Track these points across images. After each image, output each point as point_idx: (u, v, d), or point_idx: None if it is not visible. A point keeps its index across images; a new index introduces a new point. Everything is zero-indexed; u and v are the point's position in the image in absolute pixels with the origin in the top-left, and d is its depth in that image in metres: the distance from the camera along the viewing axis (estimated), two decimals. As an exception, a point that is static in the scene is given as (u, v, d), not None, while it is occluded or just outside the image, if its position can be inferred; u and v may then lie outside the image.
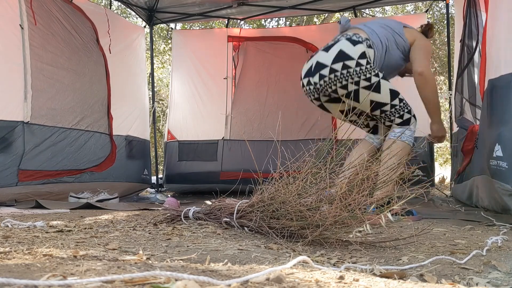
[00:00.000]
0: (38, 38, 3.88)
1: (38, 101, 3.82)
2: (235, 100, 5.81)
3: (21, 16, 3.74)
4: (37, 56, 3.84)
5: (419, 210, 2.76)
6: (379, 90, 2.69)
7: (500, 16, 2.52)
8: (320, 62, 2.74)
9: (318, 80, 2.74)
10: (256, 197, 1.83)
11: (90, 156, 4.37)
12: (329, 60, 2.70)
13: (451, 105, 4.54)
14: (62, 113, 4.09)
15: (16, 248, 1.31)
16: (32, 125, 3.77)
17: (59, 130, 4.04)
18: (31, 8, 3.83)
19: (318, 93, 2.83)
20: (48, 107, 3.94)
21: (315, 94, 2.84)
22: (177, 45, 6.01)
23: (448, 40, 5.60)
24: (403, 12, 9.51)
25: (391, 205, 1.64)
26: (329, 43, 2.84)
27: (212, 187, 4.03)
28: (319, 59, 2.76)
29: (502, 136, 2.34)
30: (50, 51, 4.00)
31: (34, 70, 3.80)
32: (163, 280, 0.84)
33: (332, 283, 0.96)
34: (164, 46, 10.65)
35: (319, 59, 2.76)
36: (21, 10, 3.74)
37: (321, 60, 2.74)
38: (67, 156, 4.12)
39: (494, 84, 2.49)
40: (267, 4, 5.60)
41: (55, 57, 4.06)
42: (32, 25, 3.82)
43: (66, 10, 4.28)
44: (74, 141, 4.20)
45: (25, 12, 3.77)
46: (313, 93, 2.85)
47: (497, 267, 1.29)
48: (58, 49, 4.11)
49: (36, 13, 3.88)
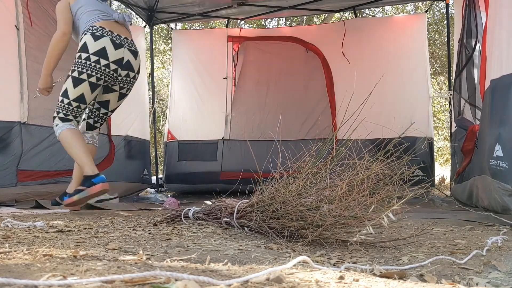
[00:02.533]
0: (34, 39, 3.86)
1: (34, 102, 3.81)
2: (235, 100, 5.82)
3: (17, 17, 3.72)
4: (32, 57, 3.82)
5: (419, 210, 2.76)
6: (76, 86, 2.95)
7: (501, 16, 2.52)
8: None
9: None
10: (256, 197, 1.83)
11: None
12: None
13: (451, 105, 4.55)
14: (59, 113, 4.09)
15: (16, 248, 1.31)
16: (29, 126, 3.77)
17: None
18: (27, 9, 3.81)
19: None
20: (44, 108, 3.93)
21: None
22: (177, 45, 6.02)
23: (448, 40, 5.61)
24: (403, 12, 9.51)
25: (391, 205, 1.64)
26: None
27: (212, 187, 4.03)
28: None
29: (502, 136, 2.34)
30: (46, 52, 3.98)
31: (30, 71, 3.78)
32: (163, 280, 0.84)
33: (332, 283, 0.95)
34: (164, 46, 10.66)
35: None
36: (17, 11, 3.72)
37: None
38: (66, 156, 4.11)
39: (495, 84, 2.49)
40: (267, 4, 5.61)
41: None
42: (28, 26, 3.81)
43: None
44: (72, 142, 4.19)
45: (21, 13, 3.75)
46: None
47: (497, 267, 1.29)
48: None
49: (33, 14, 3.86)
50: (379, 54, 5.28)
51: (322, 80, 5.55)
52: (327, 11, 6.76)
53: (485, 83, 2.77)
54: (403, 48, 5.32)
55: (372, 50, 5.33)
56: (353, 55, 5.32)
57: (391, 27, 5.49)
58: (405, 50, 5.31)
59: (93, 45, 2.88)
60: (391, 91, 5.03)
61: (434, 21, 9.25)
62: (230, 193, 2.27)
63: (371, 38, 5.40)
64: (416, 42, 5.33)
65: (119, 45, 2.96)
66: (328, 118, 5.42)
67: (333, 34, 5.58)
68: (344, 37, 5.40)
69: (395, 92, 5.12)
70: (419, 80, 5.20)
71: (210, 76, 5.78)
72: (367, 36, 5.44)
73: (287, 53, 5.73)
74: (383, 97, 4.69)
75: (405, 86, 5.22)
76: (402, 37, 5.37)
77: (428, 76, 5.30)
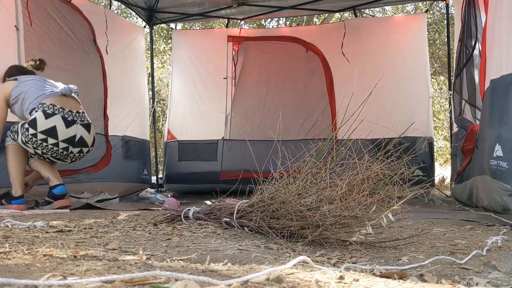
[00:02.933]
0: (33, 39, 3.86)
1: None
2: (235, 100, 5.82)
3: (17, 17, 3.72)
4: (32, 56, 3.82)
5: (419, 210, 2.76)
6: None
7: (500, 16, 2.52)
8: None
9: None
10: (256, 197, 1.83)
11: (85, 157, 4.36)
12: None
13: (451, 105, 4.55)
14: (58, 113, 4.08)
15: (16, 248, 1.31)
16: None
17: None
18: (27, 9, 3.81)
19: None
20: None
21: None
22: (177, 45, 6.02)
23: (448, 40, 5.61)
24: (403, 12, 9.51)
25: (391, 205, 1.64)
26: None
27: (212, 187, 4.03)
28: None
29: (502, 136, 2.34)
30: (45, 52, 3.96)
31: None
32: (163, 280, 0.84)
33: (332, 283, 0.95)
34: (164, 46, 10.66)
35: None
36: (17, 11, 3.72)
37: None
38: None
39: (495, 84, 2.49)
40: (267, 4, 5.60)
41: (51, 58, 4.02)
42: (28, 26, 3.80)
43: (63, 11, 4.26)
44: (69, 141, 4.18)
45: (21, 13, 3.75)
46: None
47: (497, 267, 1.28)
48: (53, 49, 4.08)
49: (33, 14, 3.86)
50: (379, 54, 5.28)
51: (322, 80, 5.55)
52: (327, 11, 6.76)
53: (485, 83, 2.77)
54: (403, 48, 5.32)
55: (372, 50, 5.33)
56: (353, 55, 5.32)
57: (391, 27, 5.49)
58: (405, 50, 5.31)
59: (43, 122, 2.91)
60: (391, 91, 5.02)
61: (434, 21, 9.25)
62: (230, 193, 2.27)
63: (371, 38, 5.40)
64: (416, 42, 5.32)
65: (71, 122, 3.00)
66: (328, 118, 5.41)
67: (333, 34, 5.58)
68: (344, 37, 5.40)
69: (395, 92, 5.12)
70: (419, 80, 5.20)
71: (210, 76, 5.78)
72: (367, 36, 5.44)
73: (287, 53, 5.73)
74: (383, 97, 4.68)
75: (405, 86, 5.22)
76: (402, 37, 5.36)
77: (428, 76, 5.30)
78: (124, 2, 5.55)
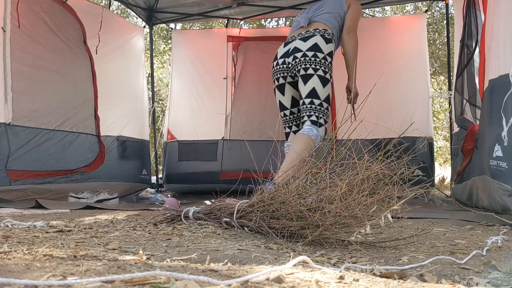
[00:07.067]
0: (20, 41, 3.83)
1: (19, 103, 3.80)
2: (234, 100, 5.82)
3: (5, 19, 3.69)
4: (17, 58, 3.79)
5: (419, 210, 2.76)
6: (325, 86, 3.14)
7: (498, 17, 2.52)
8: (297, 47, 3.23)
9: (292, 60, 3.22)
10: (256, 197, 1.83)
11: (77, 157, 4.35)
12: (304, 47, 3.19)
13: (451, 105, 4.55)
14: (45, 114, 4.05)
15: (16, 248, 1.31)
16: (15, 127, 3.76)
17: (43, 131, 4.01)
18: (17, 10, 3.78)
19: (287, 73, 3.28)
20: (29, 109, 3.92)
21: (284, 72, 3.29)
22: (177, 45, 6.01)
23: (448, 40, 5.60)
24: (402, 12, 9.51)
25: (391, 205, 1.64)
26: (304, 33, 3.28)
27: (212, 187, 4.03)
28: (297, 45, 3.23)
29: (501, 136, 2.33)
30: (31, 53, 3.94)
31: (14, 72, 3.75)
32: (163, 280, 0.84)
33: (332, 283, 0.95)
34: (164, 46, 10.65)
35: (297, 45, 3.23)
36: (5, 13, 3.70)
37: (298, 46, 3.23)
38: (54, 157, 4.11)
39: (493, 84, 2.49)
40: (267, 4, 5.60)
41: (36, 59, 4.01)
42: (15, 28, 3.78)
43: (55, 11, 4.23)
44: (59, 142, 4.16)
45: (9, 14, 3.72)
46: (284, 71, 3.29)
47: (497, 267, 1.29)
48: (40, 51, 4.05)
49: (22, 16, 3.83)
50: (379, 54, 5.28)
51: (322, 80, 5.54)
52: (327, 11, 6.75)
53: (484, 83, 2.77)
54: (403, 48, 5.32)
55: (372, 50, 5.32)
56: (352, 55, 5.31)
57: (391, 27, 5.48)
58: (405, 50, 5.31)
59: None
60: (391, 91, 5.02)
61: (434, 21, 9.25)
62: (230, 193, 2.27)
63: (371, 38, 5.39)
64: (416, 42, 5.32)
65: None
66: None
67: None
68: (344, 37, 5.39)
69: (395, 92, 5.11)
70: (419, 80, 5.20)
71: (210, 76, 5.78)
72: (366, 36, 5.42)
73: (287, 53, 5.72)
74: (383, 97, 4.68)
75: (405, 86, 5.21)
76: (402, 37, 5.36)
77: (428, 76, 5.29)
78: (123, 2, 5.55)
